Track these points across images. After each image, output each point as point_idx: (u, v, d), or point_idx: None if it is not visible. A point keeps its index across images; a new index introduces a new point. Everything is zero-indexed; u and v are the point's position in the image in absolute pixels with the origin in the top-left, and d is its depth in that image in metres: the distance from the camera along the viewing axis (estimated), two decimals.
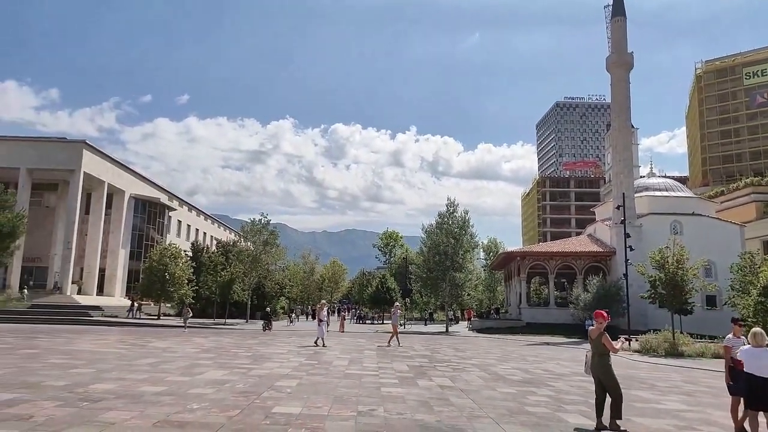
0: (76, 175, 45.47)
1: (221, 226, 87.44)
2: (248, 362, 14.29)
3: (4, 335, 22.21)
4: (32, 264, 48.19)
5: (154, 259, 42.62)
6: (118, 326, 33.83)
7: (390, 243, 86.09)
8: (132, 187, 54.49)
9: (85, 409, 7.30)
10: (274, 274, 51.31)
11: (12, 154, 45.79)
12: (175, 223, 64.53)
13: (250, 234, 46.10)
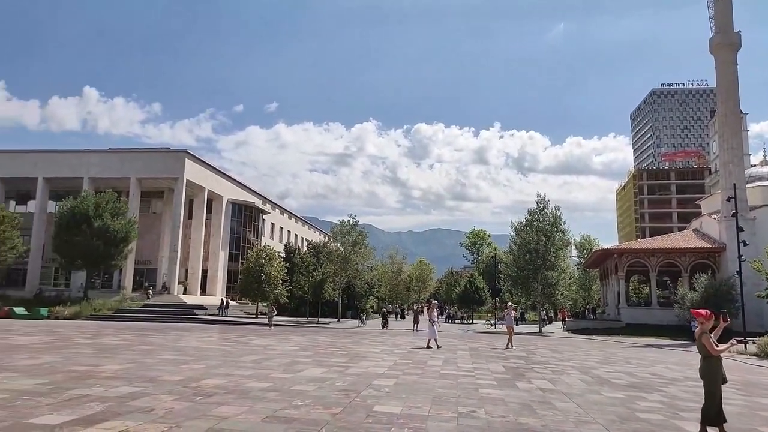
0: (180, 183, 48.60)
1: (311, 228, 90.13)
2: (344, 360, 14.57)
3: (122, 332, 24.16)
4: (143, 266, 51.98)
5: (250, 260, 44.70)
6: (218, 324, 35.80)
7: (477, 242, 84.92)
8: (229, 193, 57.44)
9: (199, 404, 7.71)
10: (363, 273, 52.14)
11: (123, 166, 49.73)
12: (269, 225, 67.28)
13: (340, 235, 47.11)
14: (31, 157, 51.59)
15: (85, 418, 6.46)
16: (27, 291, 46.58)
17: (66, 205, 42.72)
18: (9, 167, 50.79)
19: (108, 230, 40.59)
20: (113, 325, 31.03)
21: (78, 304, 39.65)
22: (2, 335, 20.05)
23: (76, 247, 40.55)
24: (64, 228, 41.29)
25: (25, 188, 52.12)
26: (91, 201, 41.76)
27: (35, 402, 7.33)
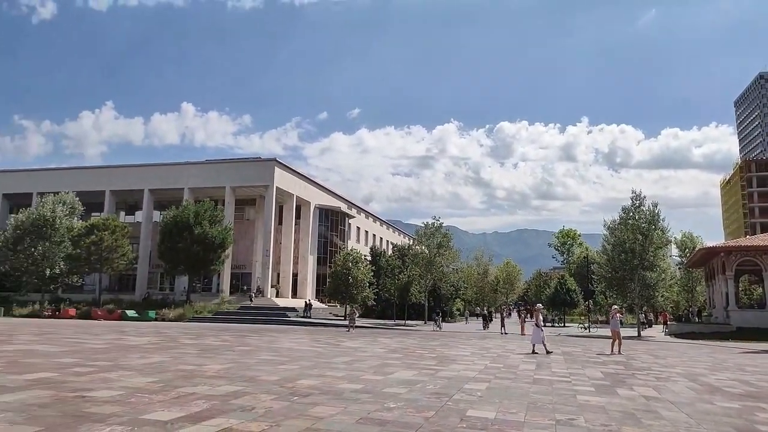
0: (270, 190, 50.68)
1: (396, 231, 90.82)
2: (434, 363, 14.51)
3: (222, 334, 25.51)
4: (239, 270, 54.66)
5: (338, 263, 45.75)
6: (305, 326, 36.91)
7: (567, 242, 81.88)
8: (316, 198, 59.13)
9: (296, 403, 7.95)
10: (448, 276, 51.85)
11: (219, 176, 52.61)
12: (355, 229, 68.56)
13: (424, 237, 47.10)
14: (138, 171, 55.82)
15: (193, 415, 6.84)
16: (137, 295, 50.36)
17: (169, 214, 45.93)
18: (119, 181, 55.27)
19: (207, 237, 43.10)
20: (213, 327, 32.86)
21: (181, 307, 42.38)
22: (117, 336, 21.79)
23: (178, 254, 43.39)
24: (168, 236, 44.33)
25: (133, 200, 56.47)
26: (191, 210, 44.52)
27: (148, 399, 7.86)
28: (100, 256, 43.94)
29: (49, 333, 22.57)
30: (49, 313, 41.73)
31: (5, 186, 58.50)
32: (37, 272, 45.10)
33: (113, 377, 9.88)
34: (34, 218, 45.65)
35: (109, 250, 44.02)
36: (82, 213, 49.75)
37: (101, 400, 7.54)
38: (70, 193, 49.63)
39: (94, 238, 43.69)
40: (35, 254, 44.46)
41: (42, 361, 11.99)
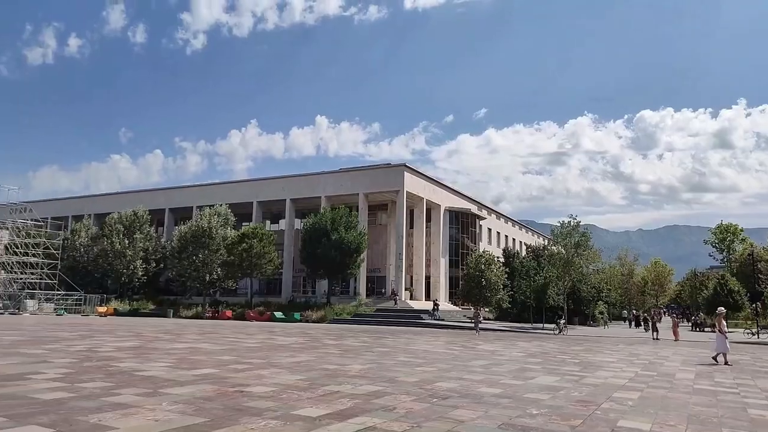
0: (401, 195, 51.66)
1: (528, 231, 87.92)
2: (578, 369, 13.78)
3: (360, 335, 26.44)
4: (374, 274, 56.32)
5: (470, 266, 45.34)
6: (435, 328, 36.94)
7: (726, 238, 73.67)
8: (446, 201, 59.18)
9: (436, 405, 7.99)
10: (588, 277, 49.03)
11: (352, 183, 54.73)
12: (486, 231, 67.52)
13: (560, 237, 45.01)
14: (280, 183, 59.89)
15: (338, 413, 7.15)
16: (283, 298, 53.95)
17: (308, 221, 48.76)
18: (264, 192, 59.73)
19: (343, 242, 45.01)
20: (352, 328, 34.20)
21: (323, 309, 44.64)
22: (268, 336, 23.51)
23: (318, 259, 45.80)
24: (308, 242, 47.00)
25: (277, 209, 60.67)
26: (328, 217, 46.81)
27: (297, 396, 8.37)
28: (250, 262, 47.78)
29: (210, 333, 24.98)
30: (210, 315, 46.24)
31: (171, 201, 65.92)
32: (198, 278, 50.23)
33: (266, 374, 10.67)
34: (194, 229, 50.96)
35: (258, 257, 47.71)
36: (234, 223, 54.53)
37: (257, 396, 8.17)
38: (223, 206, 54.69)
39: (245, 245, 47.66)
40: (197, 261, 49.56)
41: (205, 359, 13.30)
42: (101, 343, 16.91)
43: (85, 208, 69.12)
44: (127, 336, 20.59)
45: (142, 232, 55.59)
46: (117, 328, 26.62)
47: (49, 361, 11.59)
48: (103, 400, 7.33)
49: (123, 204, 60.73)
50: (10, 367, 10.30)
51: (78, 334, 20.54)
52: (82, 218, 63.54)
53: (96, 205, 69.52)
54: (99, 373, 10.06)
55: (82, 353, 13.48)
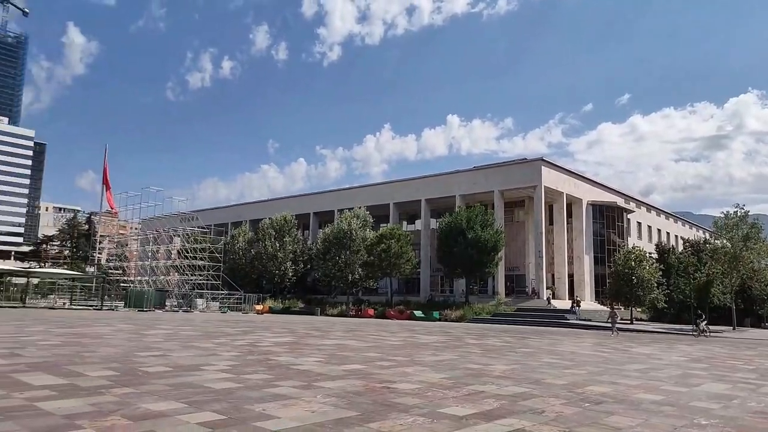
0: (538, 190, 49.83)
1: (685, 224, 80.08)
2: (754, 377, 12.27)
3: (502, 335, 25.95)
4: (512, 272, 54.95)
5: (618, 263, 42.41)
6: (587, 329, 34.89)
7: None
8: (588, 195, 55.98)
9: (588, 410, 7.58)
10: (762, 273, 43.44)
11: (487, 180, 53.91)
12: (635, 225, 62.71)
13: (725, 229, 40.49)
14: (414, 184, 60.79)
15: (485, 413, 7.08)
16: (421, 297, 54.70)
17: (444, 221, 48.94)
18: (399, 193, 61.05)
19: (479, 241, 44.52)
20: (492, 328, 33.67)
21: (461, 308, 44.51)
22: (409, 334, 23.99)
23: (454, 258, 45.77)
24: (444, 241, 47.17)
25: (412, 209, 61.66)
26: (463, 216, 46.59)
27: (442, 394, 8.42)
28: (389, 262, 49.13)
29: (355, 330, 26.08)
30: (353, 313, 48.31)
31: (314, 205, 69.98)
32: (341, 278, 52.73)
33: (411, 372, 10.89)
34: (336, 232, 53.60)
35: (396, 257, 48.89)
36: (372, 224, 56.45)
37: (403, 392, 8.36)
38: (362, 208, 56.87)
39: (383, 246, 49.12)
40: (339, 262, 52.06)
41: (352, 355, 13.91)
42: (261, 338, 18.43)
43: (242, 215, 75.83)
44: (282, 332, 22.21)
45: (291, 236, 59.64)
46: (273, 324, 28.83)
47: (217, 354, 12.89)
48: (265, 391, 7.98)
49: (273, 210, 65.63)
50: (187, 359, 11.61)
51: (240, 330, 22.58)
52: (240, 224, 69.74)
53: (250, 212, 75.97)
54: (260, 366, 10.97)
55: (245, 347, 14.80)
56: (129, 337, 16.95)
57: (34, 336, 15.76)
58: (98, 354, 11.85)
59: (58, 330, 18.59)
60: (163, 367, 10.18)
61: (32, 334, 16.54)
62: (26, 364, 9.82)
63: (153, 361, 11.04)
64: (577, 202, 55.13)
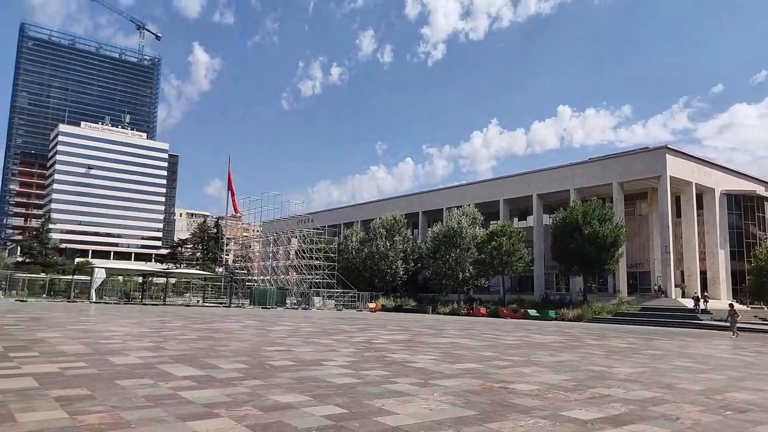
0: (663, 181, 46.32)
1: None
2: None
3: (625, 335, 24.45)
4: (635, 269, 51.61)
5: (760, 257, 38.30)
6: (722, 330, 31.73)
7: None
8: (721, 184, 51.17)
9: (730, 419, 6.94)
10: None
11: (604, 172, 51.03)
12: None
13: None
14: (525, 179, 59.06)
15: (612, 418, 6.72)
16: (535, 295, 53.03)
17: (558, 216, 47.06)
18: (509, 189, 59.64)
19: (597, 236, 42.29)
20: (613, 328, 31.82)
21: (579, 307, 42.54)
22: (524, 334, 23.37)
23: (570, 254, 43.86)
24: (559, 237, 45.36)
25: (524, 206, 59.97)
26: (579, 210, 44.51)
27: (564, 396, 8.11)
28: (500, 260, 48.15)
29: (468, 329, 25.88)
30: (465, 312, 47.94)
31: (423, 204, 70.36)
32: (452, 276, 52.56)
33: (528, 372, 10.60)
34: (445, 230, 53.52)
35: (508, 254, 47.80)
36: (482, 222, 55.67)
37: (522, 393, 8.17)
38: (471, 206, 56.29)
39: (494, 244, 48.24)
40: (450, 260, 51.93)
41: (467, 353, 13.82)
42: (376, 335, 18.88)
43: (353, 216, 78.12)
44: (396, 330, 22.60)
45: (401, 235, 60.47)
46: (387, 322, 29.41)
47: (336, 350, 13.39)
48: (383, 387, 8.17)
49: (383, 210, 66.92)
50: (309, 354, 12.19)
51: (356, 327, 23.29)
52: (352, 225, 71.92)
53: (361, 213, 78.03)
54: (377, 362, 11.25)
55: (361, 344, 15.24)
56: (256, 332, 18.12)
57: (174, 331, 17.35)
58: (229, 348, 12.79)
59: (194, 326, 20.32)
60: (287, 361, 10.77)
61: (173, 329, 18.22)
62: (169, 356, 10.84)
63: (278, 355, 11.72)
64: (708, 192, 50.52)
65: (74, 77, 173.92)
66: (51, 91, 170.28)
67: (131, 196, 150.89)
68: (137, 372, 8.65)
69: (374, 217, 65.03)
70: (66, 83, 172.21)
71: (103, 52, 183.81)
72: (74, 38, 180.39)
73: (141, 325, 19.46)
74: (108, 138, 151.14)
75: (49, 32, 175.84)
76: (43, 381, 7.49)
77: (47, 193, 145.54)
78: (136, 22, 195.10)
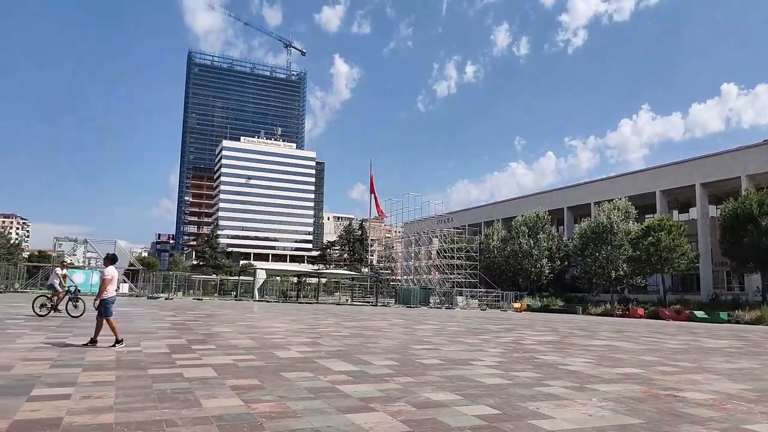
0: None
1: None
2: None
3: None
4: None
5: None
6: None
7: None
8: None
9: None
10: None
11: None
12: None
13: None
14: (685, 167, 53.73)
15: None
16: (702, 295, 47.98)
17: (727, 207, 42.09)
18: (666, 179, 54.66)
19: None
20: None
21: (757, 309, 37.64)
22: (691, 337, 21.22)
23: (744, 250, 39.04)
24: (729, 231, 40.57)
25: (684, 197, 54.60)
26: (753, 199, 39.50)
27: (746, 408, 7.24)
28: (659, 257, 44.18)
29: (624, 331, 24.13)
30: (620, 312, 44.71)
31: (567, 200, 67.05)
32: (603, 274, 49.37)
33: (700, 380, 9.62)
34: (594, 226, 50.44)
35: (668, 250, 43.72)
36: (635, 216, 51.58)
37: (694, 402, 7.43)
38: (622, 199, 52.43)
39: (651, 239, 44.41)
40: (600, 258, 48.84)
41: (626, 357, 12.89)
42: (523, 336, 18.37)
43: (493, 214, 76.84)
44: (544, 331, 21.80)
45: (545, 232, 58.23)
46: (533, 323, 28.48)
47: (484, 350, 13.25)
48: (535, 390, 7.92)
49: (524, 207, 64.98)
50: (456, 353, 12.22)
51: (502, 328, 22.86)
52: (492, 223, 70.79)
53: (501, 211, 76.49)
54: (527, 364, 10.94)
55: (509, 345, 14.93)
56: (403, 331, 18.58)
57: (328, 328, 18.39)
58: (380, 345, 13.25)
59: (345, 323, 21.37)
60: (435, 359, 10.89)
61: (327, 326, 19.32)
62: (326, 352, 11.51)
63: (426, 353, 11.89)
64: None
65: (233, 96, 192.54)
66: (215, 110, 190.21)
67: (285, 203, 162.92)
68: (299, 365, 9.31)
69: (515, 215, 63.36)
70: (227, 102, 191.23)
71: (257, 71, 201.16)
72: (232, 61, 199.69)
73: (298, 321, 20.90)
74: (263, 150, 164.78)
75: (211, 58, 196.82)
76: (220, 371, 8.37)
77: (215, 203, 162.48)
78: (284, 41, 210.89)
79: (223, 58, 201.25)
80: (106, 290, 10.46)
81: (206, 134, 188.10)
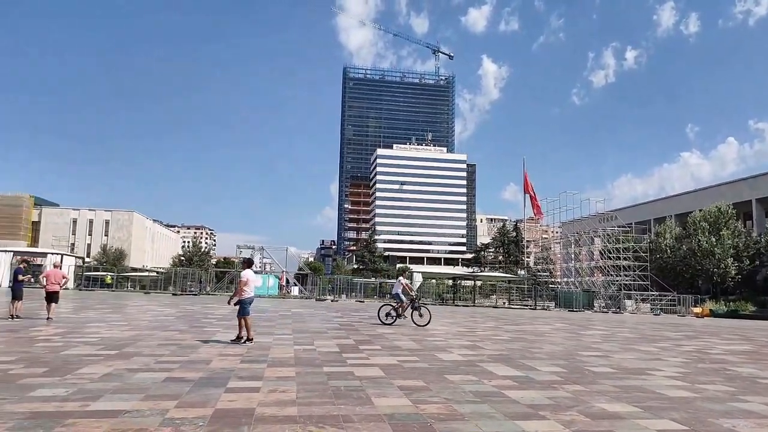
0: None
1: None
2: None
3: None
4: None
5: None
6: None
7: None
8: None
9: None
10: None
11: None
12: None
13: None
14: None
15: None
16: None
17: None
18: None
19: None
20: None
21: None
22: None
23: None
24: None
25: None
26: None
27: None
28: None
29: None
30: None
31: (756, 191, 58.77)
32: None
33: None
34: None
35: None
36: None
37: None
38: None
39: None
40: None
41: None
42: (709, 345, 16.49)
43: (664, 210, 70.10)
44: (734, 339, 19.35)
45: (729, 228, 51.80)
46: (719, 330, 25.43)
47: (662, 359, 12.13)
48: (729, 405, 7.07)
49: (701, 201, 58.39)
50: (630, 362, 11.34)
51: (682, 334, 20.74)
52: (663, 220, 64.60)
53: (674, 206, 69.49)
54: (717, 376, 9.80)
55: (692, 354, 13.50)
56: (567, 336, 17.71)
57: (488, 331, 18.18)
58: (543, 351, 12.78)
59: (505, 327, 20.96)
60: (607, 368, 10.22)
61: (486, 329, 19.13)
62: (487, 355, 11.40)
63: (596, 361, 11.21)
64: None
65: (385, 106, 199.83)
66: (369, 120, 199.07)
67: (437, 206, 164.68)
68: (462, 368, 9.34)
69: (691, 210, 57.12)
70: (379, 112, 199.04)
71: (406, 80, 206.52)
72: (383, 72, 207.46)
73: (457, 324, 20.96)
74: (415, 156, 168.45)
75: (364, 71, 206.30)
76: (387, 371, 8.71)
77: (371, 209, 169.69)
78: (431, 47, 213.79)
79: (375, 70, 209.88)
80: (243, 291, 11.24)
81: (362, 144, 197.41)
